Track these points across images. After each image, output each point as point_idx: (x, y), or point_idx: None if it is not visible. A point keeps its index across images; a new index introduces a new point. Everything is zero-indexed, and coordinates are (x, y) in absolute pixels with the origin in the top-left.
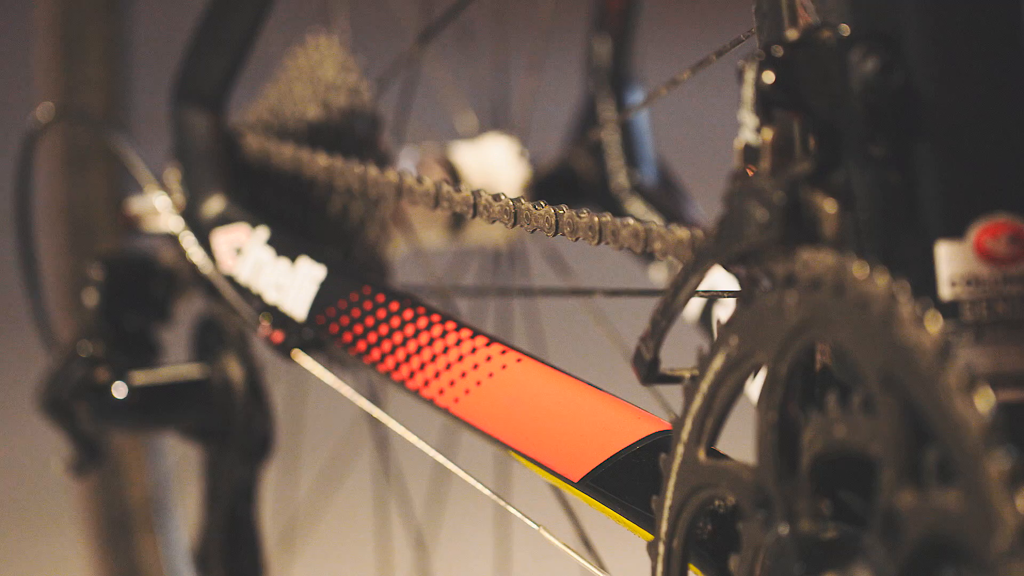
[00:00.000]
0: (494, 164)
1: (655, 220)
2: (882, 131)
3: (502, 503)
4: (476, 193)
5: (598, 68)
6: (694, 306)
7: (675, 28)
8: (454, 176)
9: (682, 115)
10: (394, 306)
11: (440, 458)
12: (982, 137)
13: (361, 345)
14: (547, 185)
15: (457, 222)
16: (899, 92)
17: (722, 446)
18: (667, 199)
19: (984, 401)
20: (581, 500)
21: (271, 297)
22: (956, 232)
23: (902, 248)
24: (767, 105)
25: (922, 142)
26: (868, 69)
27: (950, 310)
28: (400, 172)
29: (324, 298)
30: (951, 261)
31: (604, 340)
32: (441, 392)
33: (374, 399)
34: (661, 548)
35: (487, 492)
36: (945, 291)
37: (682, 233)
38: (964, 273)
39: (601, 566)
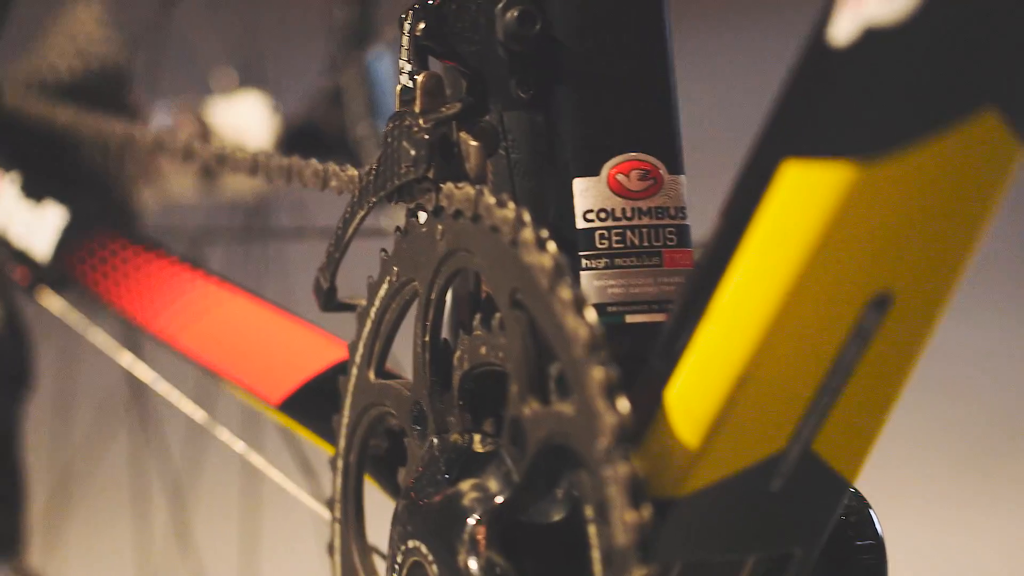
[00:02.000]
0: (246, 119)
1: None
2: (525, 77)
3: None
4: (222, 147)
5: (340, 25)
6: None
7: None
8: (208, 130)
9: None
10: (128, 249)
11: (189, 408)
12: (615, 82)
13: (97, 282)
14: (296, 138)
15: (209, 174)
16: (539, 40)
17: None
18: None
19: (589, 318)
20: (282, 422)
21: (20, 239)
22: (591, 169)
23: (545, 184)
24: (420, 52)
25: (561, 87)
26: (510, 19)
27: (585, 240)
28: (150, 125)
29: (67, 240)
30: (586, 195)
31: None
32: (164, 326)
33: (129, 344)
34: (340, 463)
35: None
36: (581, 223)
37: (352, 171)
38: (598, 206)
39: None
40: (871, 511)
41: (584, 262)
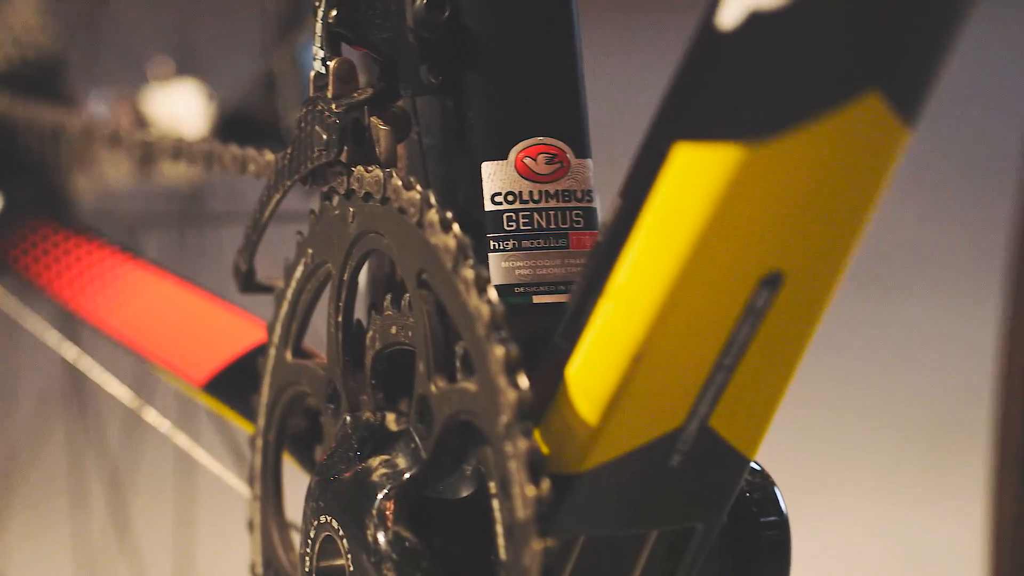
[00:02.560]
0: (181, 107)
1: None
2: (435, 63)
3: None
4: (156, 135)
5: (272, 13)
6: None
7: None
8: (143, 119)
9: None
10: (61, 235)
11: (120, 391)
12: (523, 67)
13: (31, 268)
14: (230, 125)
15: (145, 162)
16: (448, 27)
17: None
18: None
19: (491, 298)
20: (207, 404)
21: None
22: (499, 153)
23: (455, 167)
24: (333, 39)
25: (470, 72)
26: (419, 6)
27: (493, 222)
28: (85, 114)
29: (1, 227)
30: (494, 179)
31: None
32: (96, 311)
33: (65, 330)
34: (259, 441)
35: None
36: (489, 205)
37: (269, 156)
38: (505, 189)
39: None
40: (775, 488)
41: (492, 244)
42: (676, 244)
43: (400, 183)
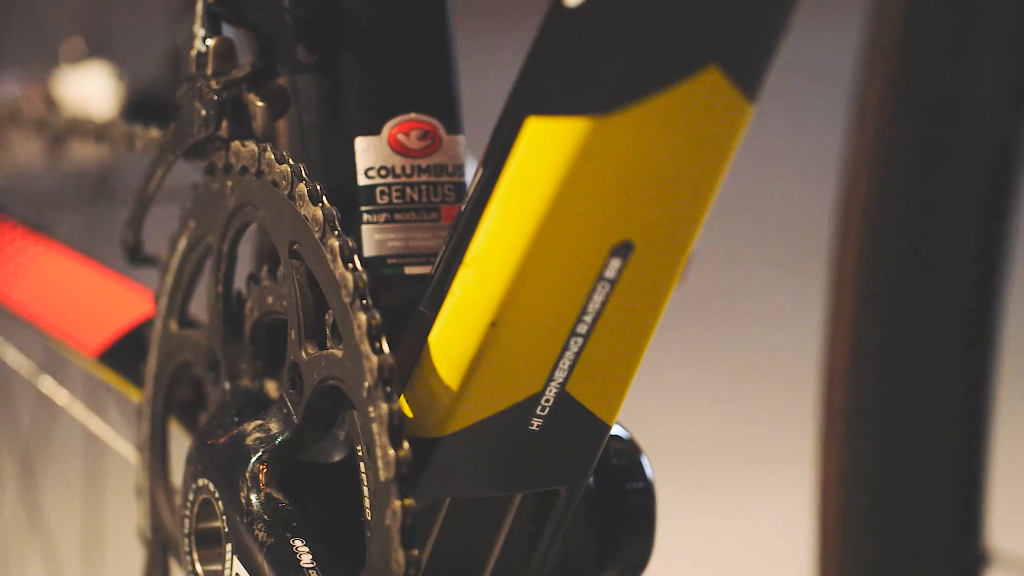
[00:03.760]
0: (91, 89)
1: None
2: (312, 41)
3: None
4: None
5: None
6: None
7: None
8: (53, 101)
9: None
10: None
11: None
12: (396, 45)
13: None
14: (139, 106)
15: (56, 144)
16: (324, 6)
17: None
18: None
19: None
20: (102, 375)
21: None
22: (372, 129)
23: (331, 143)
24: (213, 18)
25: (344, 50)
26: None
27: (366, 195)
28: None
29: None
30: (367, 153)
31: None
32: None
33: None
34: (146, 409)
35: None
36: (362, 179)
37: (153, 132)
38: (379, 164)
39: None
40: (642, 455)
41: (365, 216)
42: (528, 215)
43: (273, 157)
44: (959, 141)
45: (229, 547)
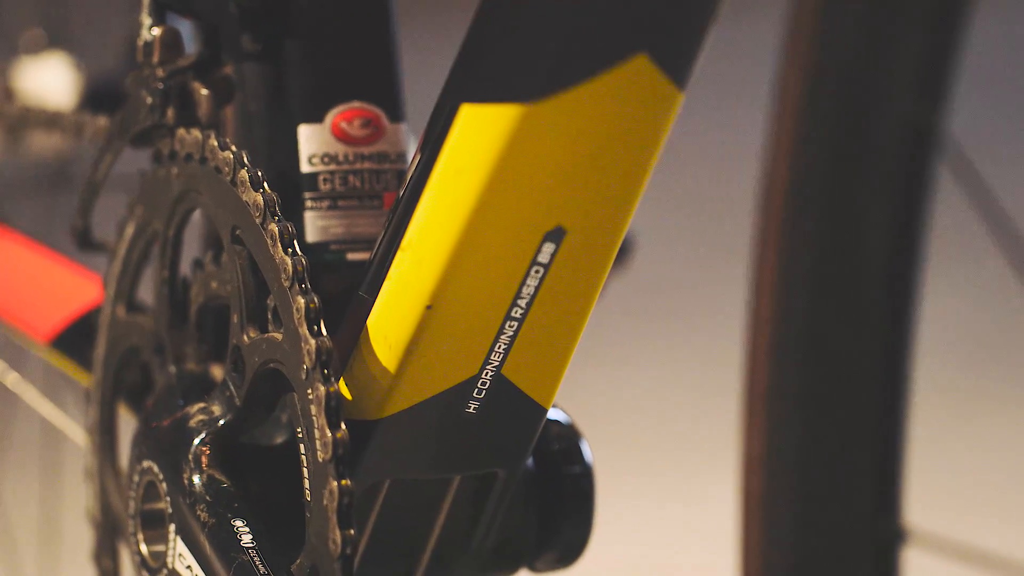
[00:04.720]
0: (50, 80)
1: None
2: (256, 30)
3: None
4: (20, 107)
5: None
6: None
7: None
8: (11, 92)
9: None
10: None
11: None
12: (338, 34)
13: None
14: (98, 96)
15: (13, 134)
16: None
17: None
18: None
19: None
20: (53, 361)
21: None
22: (315, 117)
23: (275, 130)
24: (159, 8)
25: (288, 39)
26: None
27: (309, 182)
28: None
29: None
30: (310, 141)
31: None
32: None
33: None
34: (95, 394)
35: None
36: (305, 167)
37: (102, 121)
38: (321, 151)
39: None
40: (581, 440)
41: (308, 203)
42: (462, 200)
43: (216, 144)
44: (876, 126)
45: (172, 527)
